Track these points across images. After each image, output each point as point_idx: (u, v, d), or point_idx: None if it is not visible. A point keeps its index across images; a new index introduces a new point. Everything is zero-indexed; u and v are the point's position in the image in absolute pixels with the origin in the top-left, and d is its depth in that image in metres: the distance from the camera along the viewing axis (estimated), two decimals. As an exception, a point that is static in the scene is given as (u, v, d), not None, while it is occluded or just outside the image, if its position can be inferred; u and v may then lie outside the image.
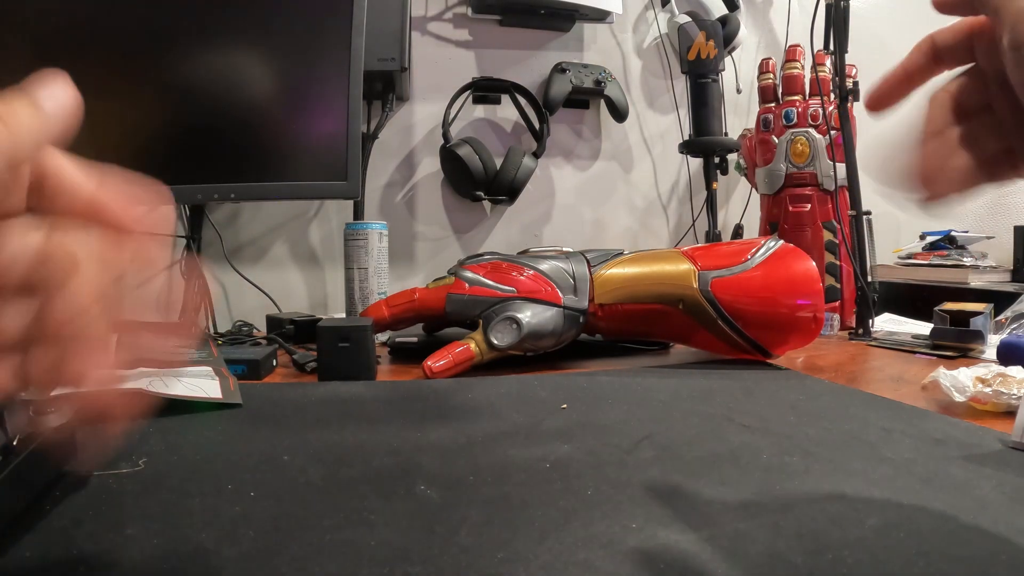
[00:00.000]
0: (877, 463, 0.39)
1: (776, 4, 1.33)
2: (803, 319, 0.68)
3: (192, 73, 0.84)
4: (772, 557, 0.28)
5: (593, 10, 1.15)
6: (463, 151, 1.05)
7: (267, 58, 0.85)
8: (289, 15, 0.84)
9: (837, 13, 0.93)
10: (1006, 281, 1.17)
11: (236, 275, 1.07)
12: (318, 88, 0.86)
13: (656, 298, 0.69)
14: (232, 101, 0.85)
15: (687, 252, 0.71)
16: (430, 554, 0.28)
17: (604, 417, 0.49)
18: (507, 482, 0.37)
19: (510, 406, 0.52)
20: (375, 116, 1.07)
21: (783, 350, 0.72)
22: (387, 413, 0.51)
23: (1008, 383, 0.50)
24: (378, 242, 0.87)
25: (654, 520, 0.32)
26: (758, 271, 0.68)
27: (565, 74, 1.15)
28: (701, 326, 0.69)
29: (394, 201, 1.17)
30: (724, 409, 0.51)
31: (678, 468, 0.39)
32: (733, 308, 0.67)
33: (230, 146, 0.85)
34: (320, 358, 0.64)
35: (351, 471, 0.39)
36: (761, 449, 0.42)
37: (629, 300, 0.69)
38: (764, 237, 0.76)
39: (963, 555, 0.28)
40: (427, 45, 1.16)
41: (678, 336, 0.74)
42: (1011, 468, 0.38)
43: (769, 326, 0.68)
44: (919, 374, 0.62)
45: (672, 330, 0.72)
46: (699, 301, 0.67)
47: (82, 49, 0.80)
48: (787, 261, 0.69)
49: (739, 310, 0.67)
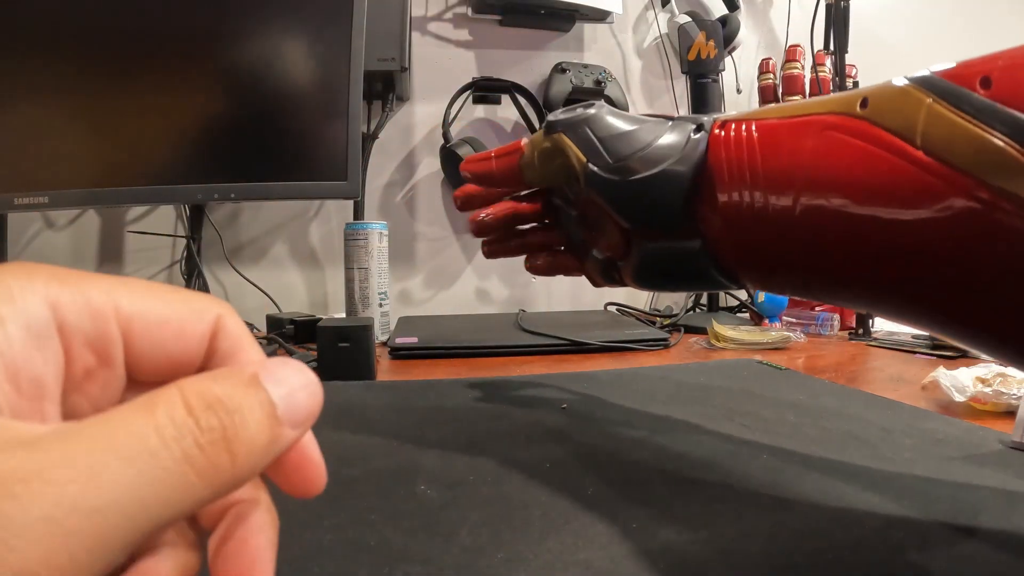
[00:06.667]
0: (877, 463, 0.39)
1: (776, 4, 1.33)
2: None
3: (192, 73, 0.84)
4: (772, 557, 0.28)
5: (593, 10, 1.15)
6: (463, 151, 1.05)
7: (267, 58, 0.85)
8: (289, 15, 0.84)
9: (837, 13, 0.93)
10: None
11: (236, 275, 1.07)
12: (318, 88, 0.86)
13: (818, 105, 0.32)
14: (232, 101, 0.85)
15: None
16: (430, 554, 0.28)
17: (604, 417, 0.49)
18: (507, 482, 0.37)
19: (510, 406, 0.52)
20: (375, 116, 1.07)
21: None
22: (387, 413, 0.51)
23: (1008, 383, 0.50)
24: (378, 242, 0.87)
25: (654, 520, 0.32)
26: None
27: (565, 74, 1.15)
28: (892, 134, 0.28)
29: (394, 201, 1.17)
30: (724, 409, 0.51)
31: (678, 468, 0.39)
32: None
33: (230, 146, 0.85)
34: (320, 358, 0.64)
35: (351, 471, 0.39)
36: (761, 449, 0.42)
37: (775, 115, 0.34)
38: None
39: (963, 555, 0.28)
40: (427, 45, 1.16)
41: (840, 171, 0.31)
42: (1011, 468, 0.38)
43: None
44: (919, 374, 0.62)
45: (832, 154, 0.31)
46: (906, 90, 0.28)
47: (82, 50, 0.80)
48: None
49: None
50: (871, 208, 0.28)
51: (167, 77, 0.83)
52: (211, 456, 0.13)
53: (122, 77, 0.82)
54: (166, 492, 0.12)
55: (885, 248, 0.28)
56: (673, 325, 0.96)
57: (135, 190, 0.83)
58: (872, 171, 0.28)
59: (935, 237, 0.26)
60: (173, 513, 0.12)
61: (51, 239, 1.05)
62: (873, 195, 0.28)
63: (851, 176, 0.29)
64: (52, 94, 0.80)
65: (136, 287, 0.16)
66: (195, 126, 0.85)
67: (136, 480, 0.12)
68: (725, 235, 0.36)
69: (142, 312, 0.16)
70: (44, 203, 0.81)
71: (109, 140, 0.82)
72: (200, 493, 0.13)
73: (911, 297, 0.29)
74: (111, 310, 0.15)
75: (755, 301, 0.99)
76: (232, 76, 0.84)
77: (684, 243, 0.38)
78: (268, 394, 0.14)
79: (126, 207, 1.06)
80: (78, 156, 0.82)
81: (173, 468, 0.12)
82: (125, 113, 0.82)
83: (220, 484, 0.13)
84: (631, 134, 0.38)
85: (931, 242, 0.26)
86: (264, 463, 0.14)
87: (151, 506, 0.12)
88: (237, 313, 0.18)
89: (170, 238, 1.05)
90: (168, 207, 1.06)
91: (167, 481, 0.12)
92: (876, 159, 0.28)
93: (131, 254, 1.08)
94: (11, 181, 0.80)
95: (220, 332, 0.17)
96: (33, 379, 0.14)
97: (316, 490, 0.16)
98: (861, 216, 0.28)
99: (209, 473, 0.13)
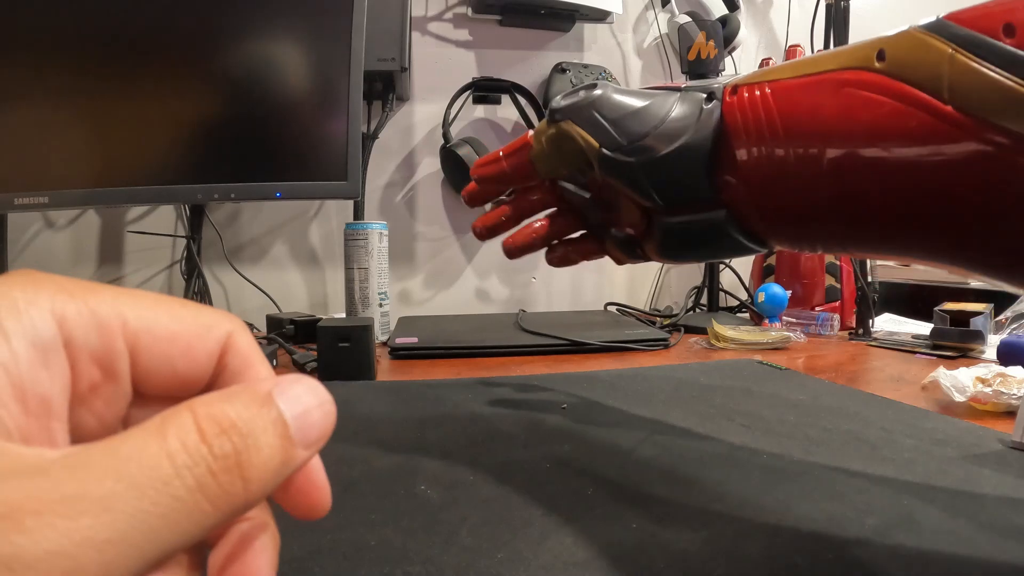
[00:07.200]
0: (877, 463, 0.39)
1: (776, 4, 1.33)
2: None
3: (192, 73, 0.84)
4: (772, 557, 0.28)
5: (593, 10, 1.15)
6: (463, 151, 1.05)
7: (267, 58, 0.85)
8: (289, 15, 0.84)
9: (837, 13, 0.93)
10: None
11: (236, 275, 1.07)
12: (318, 88, 0.86)
13: (831, 60, 0.31)
14: (232, 101, 0.85)
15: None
16: (430, 554, 0.28)
17: (604, 417, 0.49)
18: (507, 482, 0.37)
19: (510, 406, 0.52)
20: (375, 116, 1.07)
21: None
22: (387, 413, 0.51)
23: (1008, 383, 0.50)
24: (378, 242, 0.87)
25: (654, 520, 0.32)
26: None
27: (565, 74, 1.15)
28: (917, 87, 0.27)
29: (394, 201, 1.17)
30: (724, 409, 0.51)
31: (678, 468, 0.39)
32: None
33: (230, 146, 0.85)
34: (320, 358, 0.64)
35: (351, 471, 0.39)
36: (761, 449, 0.42)
37: (787, 75, 0.33)
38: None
39: (963, 555, 0.28)
40: (427, 45, 1.16)
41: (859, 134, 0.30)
42: (1011, 468, 0.38)
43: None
44: (919, 374, 0.62)
45: (856, 112, 0.30)
46: (924, 40, 0.27)
47: (82, 50, 0.80)
48: None
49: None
50: (899, 159, 0.27)
51: (167, 77, 0.83)
52: (224, 483, 0.12)
53: (122, 77, 0.82)
54: (178, 521, 0.12)
55: (917, 192, 0.28)
56: (673, 325, 0.96)
57: (135, 190, 0.83)
58: (900, 128, 0.27)
59: (963, 179, 0.26)
60: (184, 541, 0.12)
61: (51, 239, 1.05)
62: (901, 148, 0.27)
63: (878, 132, 0.28)
64: (52, 94, 0.80)
65: (144, 300, 0.16)
66: (195, 126, 0.85)
67: (148, 510, 0.11)
68: (749, 199, 0.34)
69: (150, 327, 0.15)
70: (44, 203, 0.81)
71: (109, 140, 0.82)
72: (211, 520, 0.12)
73: (942, 232, 0.28)
74: (118, 324, 0.15)
75: (755, 301, 0.99)
76: (232, 76, 0.84)
77: (708, 215, 0.36)
78: (281, 414, 0.14)
79: (126, 207, 1.06)
80: (78, 156, 0.82)
81: (186, 497, 0.12)
82: (125, 113, 0.82)
83: (232, 509, 0.13)
84: (642, 111, 0.36)
85: (959, 183, 0.26)
86: (276, 485, 0.14)
87: (162, 535, 0.12)
88: (248, 329, 0.17)
89: (170, 238, 1.05)
90: (168, 207, 1.06)
91: (179, 510, 0.12)
92: (902, 115, 0.27)
93: (131, 254, 1.08)
94: (11, 181, 0.80)
95: (230, 350, 0.16)
96: (40, 397, 0.14)
97: (320, 513, 0.16)
98: (890, 165, 0.28)
99: (221, 500, 0.12)
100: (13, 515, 0.11)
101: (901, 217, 0.29)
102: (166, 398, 0.14)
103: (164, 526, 0.12)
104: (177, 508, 0.12)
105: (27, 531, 0.10)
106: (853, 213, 0.31)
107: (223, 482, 0.12)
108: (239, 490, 0.13)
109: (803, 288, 1.03)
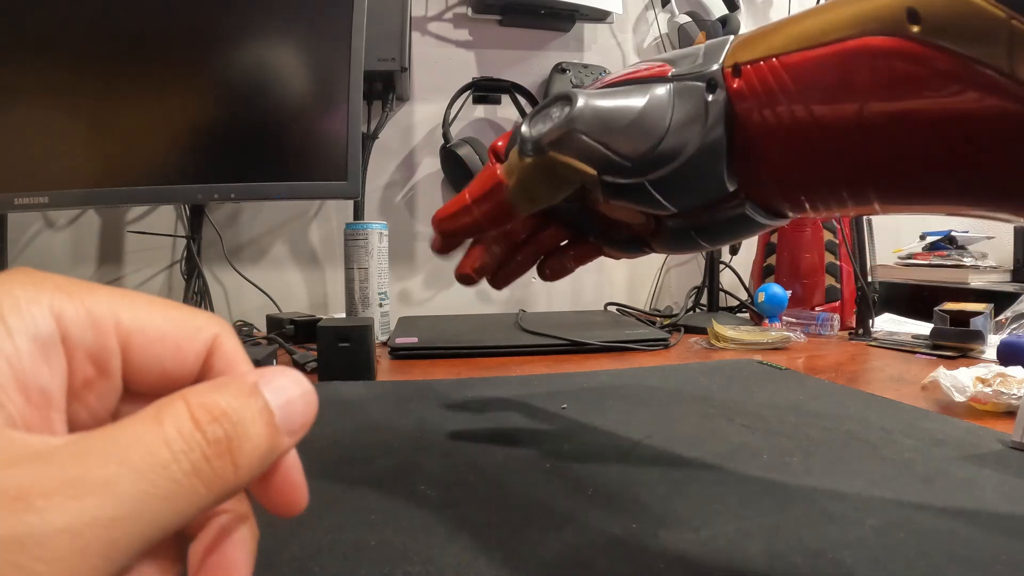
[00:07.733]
0: (877, 463, 0.39)
1: (776, 4, 1.33)
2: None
3: (192, 73, 0.84)
4: (772, 557, 0.28)
5: (593, 10, 1.14)
6: (463, 151, 1.05)
7: (267, 58, 0.85)
8: (289, 15, 0.84)
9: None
10: (1006, 281, 1.17)
11: (236, 275, 1.07)
12: (318, 88, 0.86)
13: (849, 24, 0.26)
14: (232, 101, 0.85)
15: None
16: (430, 554, 0.28)
17: (604, 417, 0.49)
18: (507, 482, 0.37)
19: (510, 406, 0.52)
20: (375, 116, 1.07)
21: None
22: (387, 413, 0.51)
23: (1008, 383, 0.50)
24: (378, 242, 0.87)
25: (654, 520, 0.32)
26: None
27: (565, 74, 1.15)
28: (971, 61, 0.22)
29: (394, 201, 1.17)
30: (724, 409, 0.51)
31: (678, 468, 0.39)
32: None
33: (230, 146, 0.85)
34: (320, 358, 0.64)
35: (351, 471, 0.39)
36: (761, 449, 0.42)
37: (796, 45, 0.28)
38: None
39: (963, 555, 0.28)
40: (427, 45, 1.16)
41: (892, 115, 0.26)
42: (1011, 468, 0.38)
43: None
44: (919, 374, 0.62)
45: (899, 91, 0.25)
46: (970, 2, 0.22)
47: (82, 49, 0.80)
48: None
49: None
50: (956, 141, 0.24)
51: (167, 77, 0.83)
52: (217, 467, 0.13)
53: (122, 77, 0.82)
54: (175, 501, 0.13)
55: (972, 160, 0.24)
56: (673, 325, 0.96)
57: (135, 190, 0.83)
58: (958, 108, 0.23)
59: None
60: (180, 520, 0.13)
61: (51, 239, 1.05)
62: (959, 131, 0.24)
63: (929, 111, 0.24)
64: (52, 94, 0.80)
65: (138, 301, 0.16)
66: (195, 126, 0.85)
67: (149, 491, 0.12)
68: (771, 178, 0.31)
69: (142, 327, 0.16)
70: (44, 203, 0.81)
71: (109, 140, 0.82)
72: (204, 501, 0.13)
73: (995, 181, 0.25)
74: (112, 323, 0.16)
75: (755, 301, 0.99)
76: (232, 76, 0.84)
77: (731, 211, 0.33)
78: (267, 403, 0.15)
79: (126, 207, 1.06)
80: (78, 156, 0.82)
81: (183, 480, 0.13)
82: (125, 113, 0.82)
83: (223, 492, 0.14)
84: (637, 122, 0.32)
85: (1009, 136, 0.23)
86: (262, 469, 0.15)
87: (162, 515, 0.13)
88: (235, 332, 0.18)
89: (170, 238, 1.05)
90: (168, 207, 1.06)
91: (177, 491, 0.13)
92: (960, 97, 0.23)
93: (131, 254, 1.08)
94: (11, 181, 0.80)
95: (217, 351, 0.17)
96: (41, 389, 0.14)
97: (297, 510, 0.17)
98: (946, 146, 0.24)
99: (215, 482, 0.13)
100: (24, 497, 0.11)
101: (957, 182, 0.25)
102: (154, 395, 0.15)
103: (163, 507, 0.13)
104: (175, 490, 0.13)
105: (38, 511, 0.11)
106: (892, 173, 0.27)
107: (216, 466, 0.13)
108: (230, 474, 0.14)
109: (803, 288, 1.03)
